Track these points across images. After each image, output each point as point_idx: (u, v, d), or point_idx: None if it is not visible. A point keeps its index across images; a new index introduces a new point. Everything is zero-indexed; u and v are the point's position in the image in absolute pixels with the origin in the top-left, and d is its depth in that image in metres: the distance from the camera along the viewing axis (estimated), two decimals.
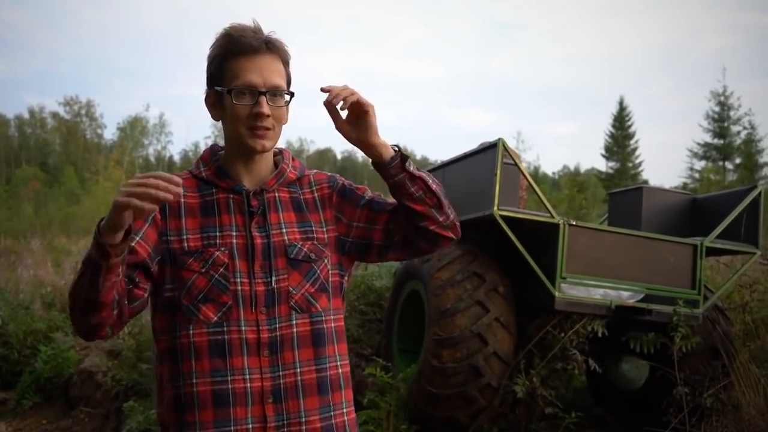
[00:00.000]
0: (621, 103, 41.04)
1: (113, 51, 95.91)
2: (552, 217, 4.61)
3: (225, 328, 1.66)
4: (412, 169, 1.72)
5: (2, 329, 8.06)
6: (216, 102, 1.76)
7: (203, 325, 1.66)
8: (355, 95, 1.67)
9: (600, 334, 4.73)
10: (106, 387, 7.01)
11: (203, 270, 1.68)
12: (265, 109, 1.68)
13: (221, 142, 1.86)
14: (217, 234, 1.71)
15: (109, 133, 77.13)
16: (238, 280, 1.69)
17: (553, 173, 57.10)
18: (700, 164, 33.14)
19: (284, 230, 1.75)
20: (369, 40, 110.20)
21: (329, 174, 1.89)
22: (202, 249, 1.69)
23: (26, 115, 65.78)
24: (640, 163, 40.24)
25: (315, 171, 1.89)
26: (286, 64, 1.77)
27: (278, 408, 1.67)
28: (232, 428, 1.64)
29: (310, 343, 1.71)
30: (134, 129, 56.91)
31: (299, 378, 1.69)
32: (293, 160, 1.87)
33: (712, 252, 5.22)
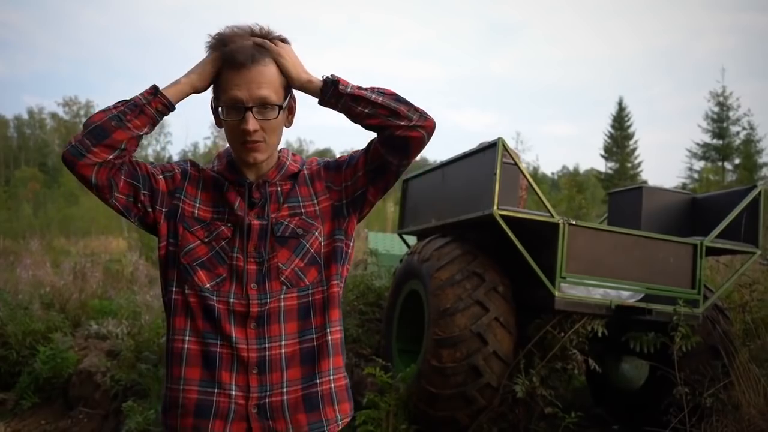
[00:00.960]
0: (620, 103, 41.06)
1: (112, 51, 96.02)
2: (552, 216, 4.60)
3: (215, 297, 1.76)
4: (349, 90, 1.74)
5: (1, 330, 8.04)
6: (216, 113, 1.82)
7: (196, 287, 1.77)
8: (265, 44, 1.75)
9: (600, 334, 4.72)
10: (105, 387, 7.00)
11: (206, 240, 1.80)
12: (251, 125, 1.71)
13: (221, 143, 1.93)
14: (225, 211, 1.82)
15: None
16: (235, 255, 1.79)
17: (553, 174, 57.04)
18: (699, 165, 33.12)
19: (275, 215, 1.83)
20: (368, 40, 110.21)
21: (318, 158, 1.99)
22: (210, 221, 1.82)
23: (25, 116, 65.87)
24: (639, 164, 40.25)
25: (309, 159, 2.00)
26: (278, 64, 1.76)
27: (262, 379, 1.75)
28: (215, 390, 1.73)
29: (295, 317, 1.79)
30: None
31: (283, 350, 1.76)
32: (293, 155, 1.95)
33: (711, 252, 5.21)
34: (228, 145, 1.91)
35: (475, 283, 4.70)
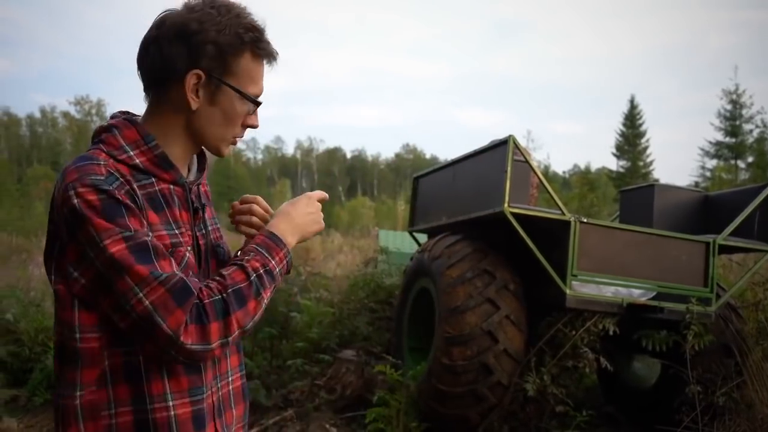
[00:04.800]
0: (632, 101, 41.02)
1: (119, 49, 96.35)
2: (563, 214, 4.58)
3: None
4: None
5: (13, 327, 8.09)
6: (205, 89, 1.47)
7: None
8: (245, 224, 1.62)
9: (611, 333, 4.70)
10: None
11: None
12: (258, 122, 1.58)
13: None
14: (177, 231, 1.47)
15: None
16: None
17: (564, 172, 56.96)
18: (711, 163, 32.99)
19: (210, 228, 1.63)
20: (375, 39, 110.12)
21: None
22: (172, 249, 1.43)
23: (38, 115, 66.39)
24: (651, 162, 40.15)
25: None
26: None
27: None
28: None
29: (236, 350, 1.64)
30: None
31: (231, 387, 1.61)
32: None
33: (724, 250, 5.18)
34: (122, 122, 1.50)
35: (486, 281, 4.68)
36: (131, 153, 1.45)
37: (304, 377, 6.04)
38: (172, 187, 1.50)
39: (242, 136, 1.58)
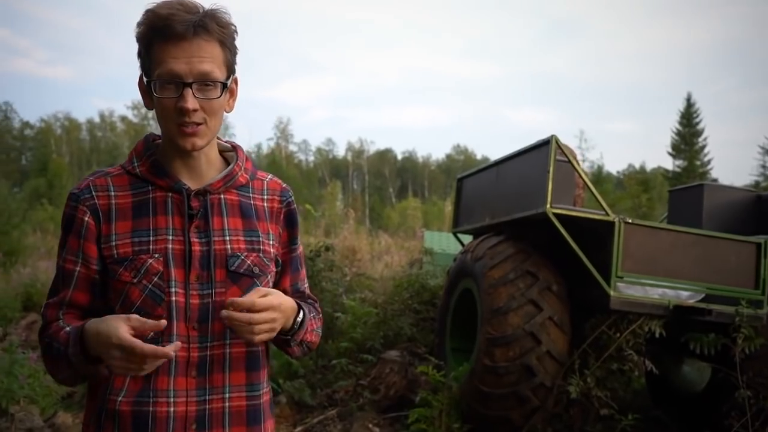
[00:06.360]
0: (688, 99, 40.12)
1: None
2: (607, 214, 4.52)
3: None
4: (302, 336, 1.62)
5: None
6: (147, 89, 1.52)
7: None
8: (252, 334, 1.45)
9: (657, 335, 4.61)
10: None
11: (135, 280, 1.49)
12: (190, 103, 1.45)
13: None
14: (150, 239, 1.51)
15: None
16: (173, 290, 1.50)
17: (618, 172, 55.93)
18: None
19: (228, 237, 1.56)
20: (425, 40, 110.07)
21: (283, 186, 1.71)
22: (132, 256, 1.49)
23: (97, 119, 68.33)
24: (709, 161, 39.18)
25: (270, 177, 1.71)
26: (224, 45, 1.51)
27: None
28: None
29: (243, 367, 1.55)
30: None
31: (227, 404, 1.53)
32: (246, 160, 1.66)
33: None
34: (143, 137, 1.64)
35: (529, 282, 4.65)
36: (136, 164, 1.57)
37: (349, 377, 6.09)
38: (169, 194, 1.54)
39: (192, 121, 1.48)
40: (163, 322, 1.40)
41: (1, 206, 16.80)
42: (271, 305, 1.44)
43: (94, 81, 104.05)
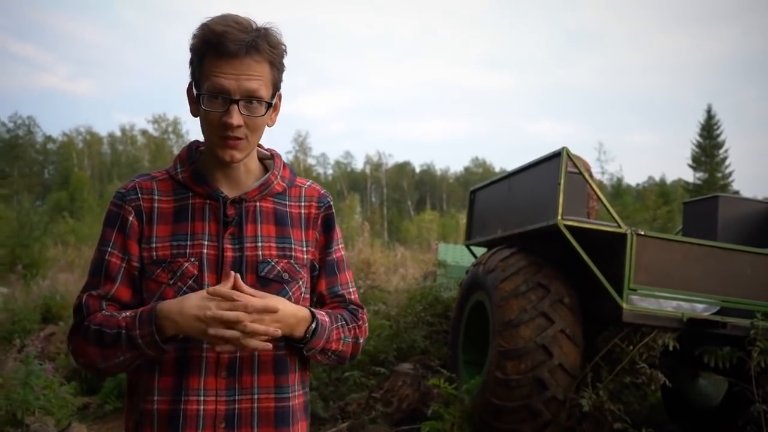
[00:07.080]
0: (709, 111, 39.74)
1: None
2: (619, 227, 4.50)
3: (188, 344, 1.53)
4: (321, 345, 1.61)
5: None
6: (195, 99, 1.60)
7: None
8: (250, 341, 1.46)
9: (671, 348, 4.57)
10: None
11: (171, 282, 1.56)
12: (235, 119, 1.52)
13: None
14: (188, 243, 1.59)
15: None
16: None
17: (638, 184, 55.59)
18: None
19: (260, 244, 1.62)
20: (442, 52, 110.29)
21: (321, 192, 1.75)
22: (171, 259, 1.58)
23: (118, 133, 69.11)
24: (730, 173, 38.75)
25: (309, 183, 1.75)
26: (273, 65, 1.57)
27: None
28: None
29: (270, 370, 1.59)
30: None
31: (255, 405, 1.57)
32: (284, 168, 1.72)
33: None
34: (188, 143, 1.73)
35: (540, 295, 4.63)
36: (179, 169, 1.66)
37: (361, 389, 6.09)
38: (207, 201, 1.62)
39: (234, 135, 1.54)
40: (233, 273, 1.49)
41: (23, 219, 17.04)
42: (266, 307, 1.46)
43: (116, 95, 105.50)
